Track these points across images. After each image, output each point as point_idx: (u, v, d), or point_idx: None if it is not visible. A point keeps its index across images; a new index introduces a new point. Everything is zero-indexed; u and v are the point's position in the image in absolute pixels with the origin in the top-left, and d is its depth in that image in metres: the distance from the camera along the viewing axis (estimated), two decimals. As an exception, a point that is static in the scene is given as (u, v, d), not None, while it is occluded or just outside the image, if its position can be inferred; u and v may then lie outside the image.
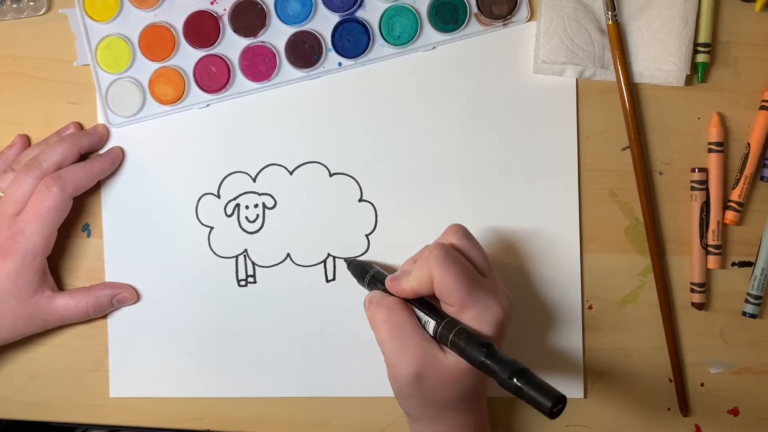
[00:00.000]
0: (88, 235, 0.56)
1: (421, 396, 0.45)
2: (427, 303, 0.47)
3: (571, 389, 0.55)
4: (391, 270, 0.50)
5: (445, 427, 0.47)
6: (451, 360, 0.44)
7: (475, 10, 0.55)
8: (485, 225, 0.55)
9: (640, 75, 0.55)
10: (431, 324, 0.45)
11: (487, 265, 0.47)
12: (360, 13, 0.55)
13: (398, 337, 0.45)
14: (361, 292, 0.51)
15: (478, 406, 0.48)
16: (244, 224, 0.56)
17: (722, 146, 0.55)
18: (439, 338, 0.45)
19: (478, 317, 0.44)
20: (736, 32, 0.56)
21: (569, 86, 0.55)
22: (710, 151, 0.55)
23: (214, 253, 0.56)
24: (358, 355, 0.55)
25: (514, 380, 0.40)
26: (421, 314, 0.46)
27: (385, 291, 0.48)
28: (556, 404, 0.39)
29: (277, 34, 0.55)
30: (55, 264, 0.56)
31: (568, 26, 0.54)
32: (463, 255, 0.46)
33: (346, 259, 0.55)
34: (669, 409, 0.56)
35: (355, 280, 0.53)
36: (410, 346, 0.44)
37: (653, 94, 0.55)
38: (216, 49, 0.55)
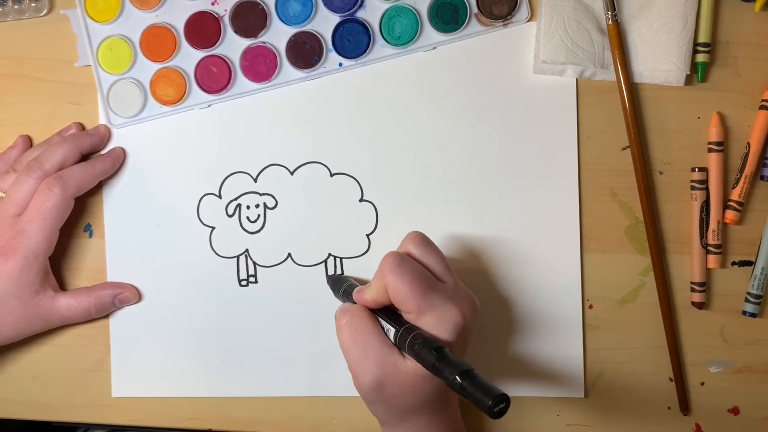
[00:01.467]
0: (90, 236, 0.56)
1: (383, 402, 0.46)
2: (390, 312, 0.47)
3: (571, 388, 0.55)
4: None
5: (411, 431, 0.47)
6: (411, 366, 0.44)
7: (475, 10, 0.55)
8: (485, 224, 0.55)
9: (640, 75, 0.55)
10: (392, 331, 0.45)
11: (447, 270, 0.47)
12: (360, 14, 0.55)
13: (360, 344, 0.45)
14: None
15: (443, 410, 0.48)
16: (245, 224, 0.56)
17: (722, 146, 0.55)
18: (398, 344, 0.45)
19: (436, 322, 0.44)
20: (736, 32, 0.56)
21: (569, 86, 0.55)
22: (710, 150, 0.55)
23: (216, 253, 0.56)
24: (359, 354, 0.55)
25: (458, 380, 0.40)
26: (384, 323, 0.46)
27: (354, 303, 0.48)
28: (496, 403, 0.38)
29: (278, 35, 0.55)
30: (56, 264, 0.56)
31: (568, 26, 0.54)
32: (419, 262, 0.46)
33: (327, 276, 0.55)
34: (669, 408, 0.56)
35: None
36: (371, 352, 0.45)
37: (653, 94, 0.56)
38: (217, 50, 0.55)
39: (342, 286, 0.51)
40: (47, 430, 0.64)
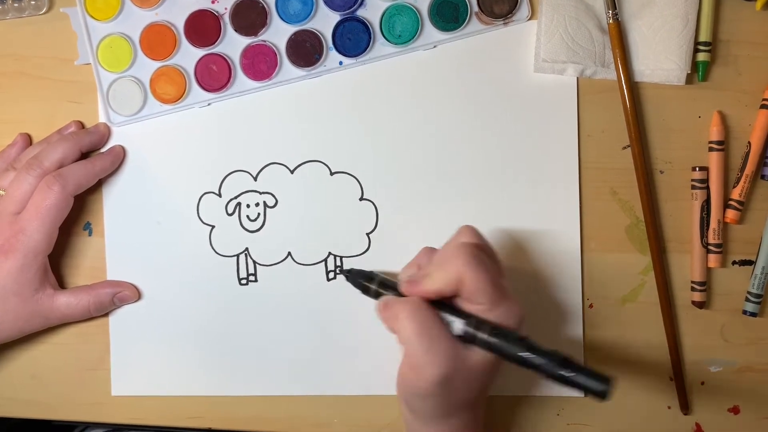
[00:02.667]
0: (90, 234, 0.56)
1: (444, 397, 0.44)
2: (447, 304, 0.45)
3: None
4: (390, 276, 0.49)
5: (453, 427, 0.46)
6: (478, 359, 0.44)
7: (476, 8, 0.55)
8: (486, 223, 0.55)
9: (641, 74, 0.55)
10: (456, 323, 0.44)
11: (501, 264, 0.47)
12: (361, 12, 0.55)
13: (426, 337, 0.43)
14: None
15: (483, 405, 0.48)
16: (245, 223, 0.56)
17: (723, 145, 0.55)
18: (467, 337, 0.44)
19: (505, 315, 0.44)
20: (737, 31, 0.56)
21: (570, 85, 0.55)
22: (711, 149, 0.55)
23: (216, 252, 0.56)
24: (360, 353, 0.55)
25: (561, 371, 0.41)
26: (445, 315, 0.45)
27: (399, 296, 0.47)
28: (608, 386, 0.40)
29: (278, 33, 0.55)
30: (56, 262, 0.56)
31: (569, 25, 0.54)
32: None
33: (342, 271, 0.55)
34: (669, 407, 0.56)
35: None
36: (440, 345, 0.43)
37: (654, 93, 0.55)
38: (217, 48, 0.55)
39: (374, 279, 0.49)
40: (46, 429, 0.64)
